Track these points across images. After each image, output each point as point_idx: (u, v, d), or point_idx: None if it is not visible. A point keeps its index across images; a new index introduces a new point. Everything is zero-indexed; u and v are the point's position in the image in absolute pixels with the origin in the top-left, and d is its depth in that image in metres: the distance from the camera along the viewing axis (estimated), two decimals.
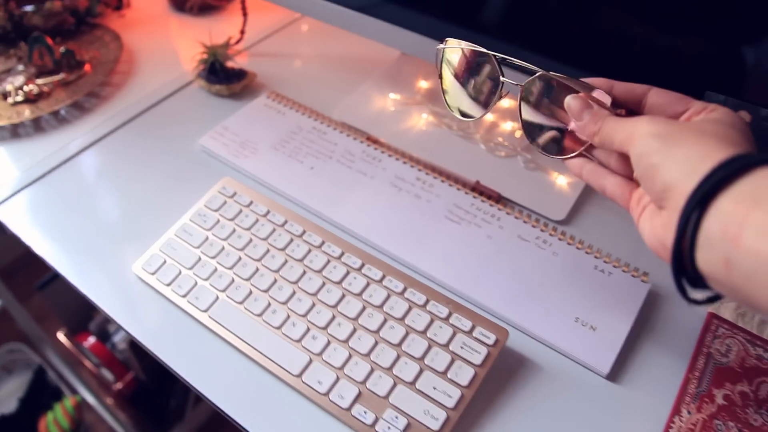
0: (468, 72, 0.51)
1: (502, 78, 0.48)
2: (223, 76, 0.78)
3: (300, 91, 0.79)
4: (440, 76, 0.53)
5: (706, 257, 0.33)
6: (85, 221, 0.65)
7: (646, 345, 0.55)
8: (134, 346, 1.11)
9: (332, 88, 0.81)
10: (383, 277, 0.56)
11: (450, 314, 0.53)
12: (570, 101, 0.44)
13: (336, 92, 0.80)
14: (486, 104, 0.51)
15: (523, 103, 0.48)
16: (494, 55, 0.49)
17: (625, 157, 0.43)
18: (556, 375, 0.53)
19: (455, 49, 0.51)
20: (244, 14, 0.85)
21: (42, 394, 1.27)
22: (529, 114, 0.48)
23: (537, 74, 0.46)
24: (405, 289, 0.55)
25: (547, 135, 0.48)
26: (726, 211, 0.31)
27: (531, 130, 0.49)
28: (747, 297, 0.31)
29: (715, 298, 0.36)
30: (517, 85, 0.47)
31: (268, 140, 0.71)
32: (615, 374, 0.53)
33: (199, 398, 1.18)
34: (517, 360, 0.53)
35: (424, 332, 0.52)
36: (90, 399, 1.24)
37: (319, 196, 0.65)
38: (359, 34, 0.71)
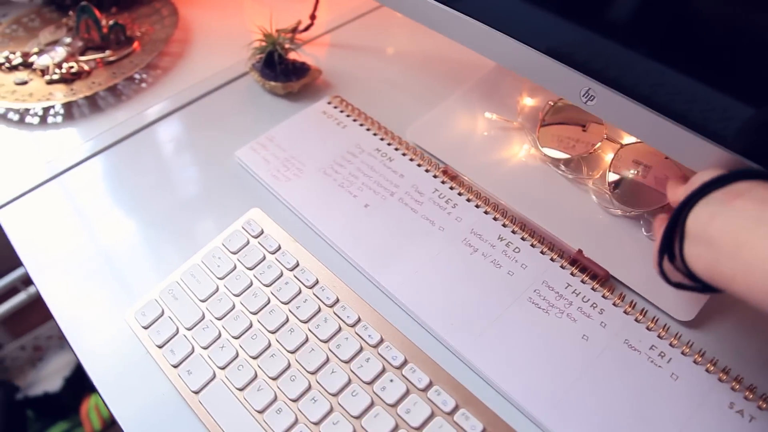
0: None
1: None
2: (280, 70, 0.64)
3: (370, 98, 0.64)
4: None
5: (695, 215, 0.35)
6: (87, 234, 0.54)
7: None
8: None
9: (412, 98, 0.64)
10: (429, 385, 0.41)
11: None
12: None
13: (416, 103, 0.63)
14: None
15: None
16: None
17: None
18: None
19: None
20: None
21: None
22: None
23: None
24: (456, 408, 0.40)
25: (630, 189, 0.52)
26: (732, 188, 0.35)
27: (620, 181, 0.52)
28: (716, 254, 0.33)
29: (697, 288, 0.37)
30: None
31: (318, 160, 0.57)
32: None
33: None
34: None
35: None
36: None
37: (368, 246, 0.50)
38: (446, 36, 0.54)
